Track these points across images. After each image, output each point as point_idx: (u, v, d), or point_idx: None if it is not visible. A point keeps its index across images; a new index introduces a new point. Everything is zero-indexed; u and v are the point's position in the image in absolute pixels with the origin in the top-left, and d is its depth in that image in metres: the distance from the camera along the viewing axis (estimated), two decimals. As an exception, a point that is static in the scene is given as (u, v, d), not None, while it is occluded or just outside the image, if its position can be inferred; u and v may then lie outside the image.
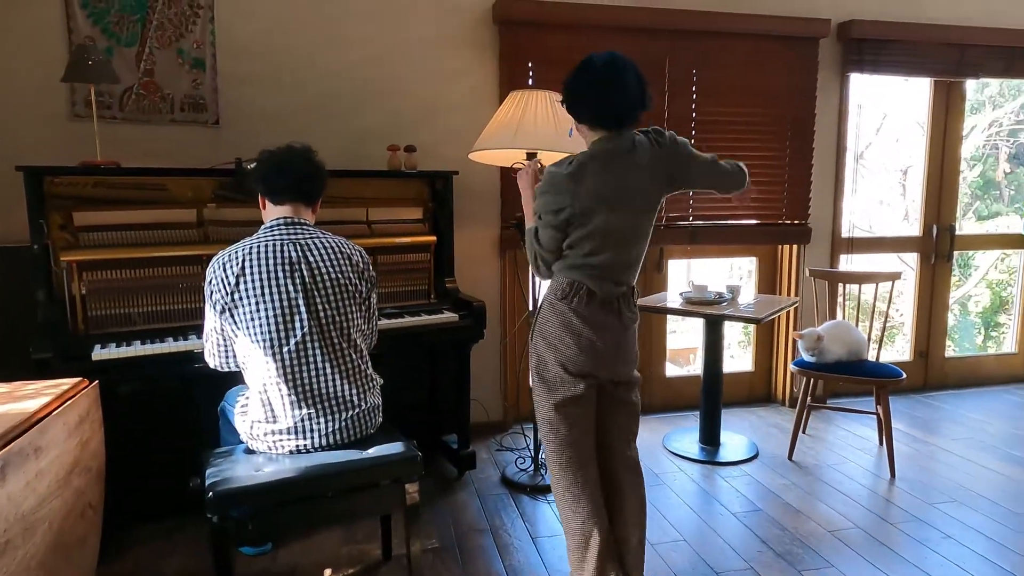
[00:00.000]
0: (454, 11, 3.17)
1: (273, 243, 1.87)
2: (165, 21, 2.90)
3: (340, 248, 1.94)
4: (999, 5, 3.77)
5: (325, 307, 1.86)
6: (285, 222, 1.92)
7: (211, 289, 1.85)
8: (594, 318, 1.82)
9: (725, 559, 2.26)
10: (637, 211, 1.83)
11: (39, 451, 1.50)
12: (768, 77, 3.50)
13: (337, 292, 1.89)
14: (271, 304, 1.81)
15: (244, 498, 1.69)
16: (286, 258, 1.85)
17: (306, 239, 1.91)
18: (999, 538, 2.39)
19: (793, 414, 3.67)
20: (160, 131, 2.93)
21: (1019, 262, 4.38)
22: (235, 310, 1.82)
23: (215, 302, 1.84)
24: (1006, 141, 6.06)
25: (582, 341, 1.82)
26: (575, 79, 1.81)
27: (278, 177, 1.92)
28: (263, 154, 1.98)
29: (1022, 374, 4.34)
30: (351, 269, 1.93)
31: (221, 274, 1.83)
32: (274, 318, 1.81)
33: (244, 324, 1.82)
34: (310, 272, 1.86)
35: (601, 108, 1.79)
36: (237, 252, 1.85)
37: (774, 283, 3.88)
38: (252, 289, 1.81)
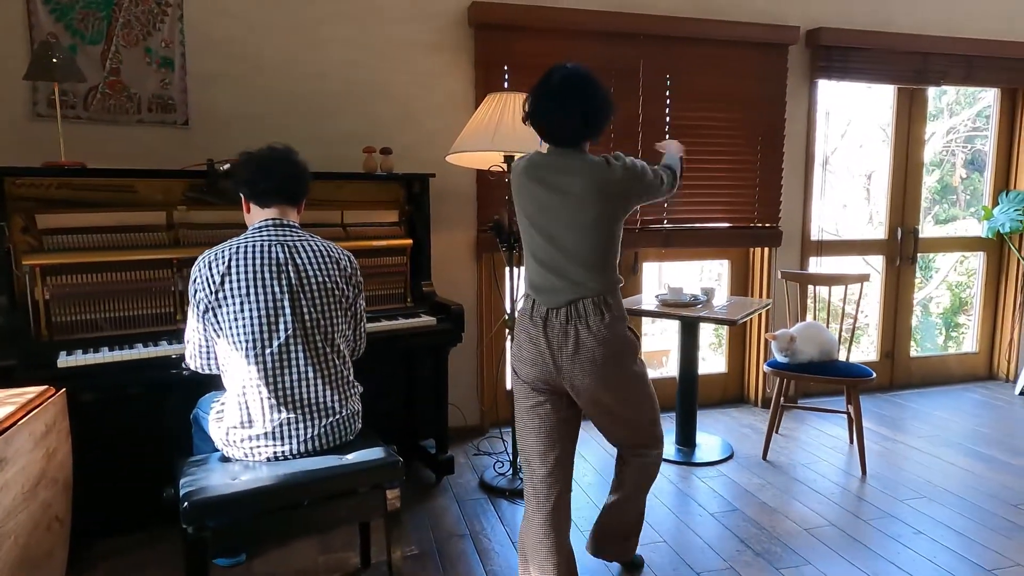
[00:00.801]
0: (430, 14, 3.15)
1: (261, 243, 1.83)
2: (132, 19, 2.83)
3: (328, 252, 1.91)
4: (959, 15, 3.89)
5: (311, 310, 1.83)
6: (273, 223, 1.89)
7: (195, 288, 1.81)
8: (536, 328, 1.83)
9: (705, 559, 2.28)
10: (562, 229, 1.79)
11: (3, 463, 1.44)
12: (739, 83, 3.56)
13: (323, 296, 1.86)
14: (256, 304, 1.78)
15: (221, 508, 1.65)
16: (273, 259, 1.82)
17: (294, 241, 1.88)
18: (968, 533, 2.45)
19: (766, 414, 3.73)
20: (127, 132, 2.85)
21: (977, 264, 4.52)
22: (219, 309, 1.79)
23: (198, 301, 1.80)
24: (963, 148, 6.26)
25: (526, 349, 1.86)
26: (532, 90, 1.85)
27: (264, 179, 1.88)
28: (243, 156, 1.94)
29: (983, 373, 4.47)
30: (339, 273, 1.90)
31: (206, 273, 1.79)
32: (258, 319, 1.78)
33: (227, 324, 1.78)
34: (297, 274, 1.83)
35: (539, 125, 1.83)
36: (223, 251, 1.82)
37: (746, 285, 3.94)
38: (237, 288, 1.77)
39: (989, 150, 4.38)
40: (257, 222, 1.91)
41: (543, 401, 1.88)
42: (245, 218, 2.00)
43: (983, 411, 3.87)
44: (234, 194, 2.02)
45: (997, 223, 4.10)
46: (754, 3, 3.55)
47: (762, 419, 3.69)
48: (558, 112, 1.79)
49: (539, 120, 1.82)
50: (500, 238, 2.73)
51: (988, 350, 4.47)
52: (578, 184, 1.78)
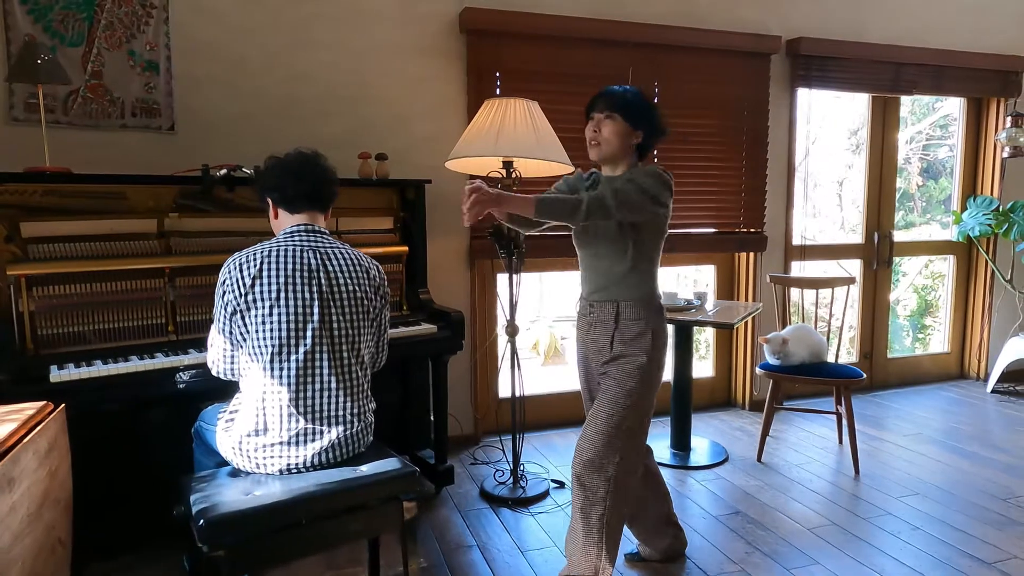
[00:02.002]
0: (422, 19, 3.12)
1: (293, 248, 1.79)
2: (115, 20, 2.73)
3: (359, 261, 1.88)
4: (929, 28, 4.03)
5: (339, 319, 1.79)
6: (305, 228, 1.85)
7: (223, 290, 1.76)
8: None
9: (716, 561, 2.28)
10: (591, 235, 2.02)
11: (12, 483, 1.35)
12: (725, 90, 3.62)
13: (352, 305, 1.82)
14: (285, 309, 1.73)
15: (238, 524, 1.58)
16: (305, 264, 1.78)
17: (326, 248, 1.84)
18: (963, 527, 2.52)
19: (754, 417, 3.78)
20: (109, 137, 2.75)
21: (946, 268, 4.68)
22: (247, 313, 1.74)
23: (226, 303, 1.75)
24: (920, 156, 6.48)
25: None
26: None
27: (295, 184, 1.84)
28: (271, 160, 1.90)
29: (955, 372, 4.62)
30: (368, 283, 1.87)
31: (236, 274, 1.74)
32: (286, 323, 1.73)
33: (255, 327, 1.73)
34: (328, 282, 1.79)
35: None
36: (255, 254, 1.77)
37: (732, 289, 4.00)
38: (268, 292, 1.73)
39: (956, 157, 4.55)
40: (288, 227, 1.87)
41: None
42: (272, 224, 1.95)
43: (959, 409, 3.99)
44: (259, 199, 1.97)
45: (967, 227, 4.24)
46: (738, 12, 3.63)
47: (750, 422, 3.73)
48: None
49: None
50: (500, 244, 2.71)
51: (959, 350, 4.62)
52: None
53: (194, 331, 2.42)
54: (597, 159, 2.01)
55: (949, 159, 5.76)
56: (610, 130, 1.94)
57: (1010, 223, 4.05)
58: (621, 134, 1.94)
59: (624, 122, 1.94)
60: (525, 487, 2.83)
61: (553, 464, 3.14)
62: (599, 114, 1.96)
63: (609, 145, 1.95)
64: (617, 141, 1.95)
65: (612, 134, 1.94)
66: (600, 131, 1.95)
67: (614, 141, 1.94)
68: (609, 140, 1.94)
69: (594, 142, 1.97)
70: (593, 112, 1.98)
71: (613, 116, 1.94)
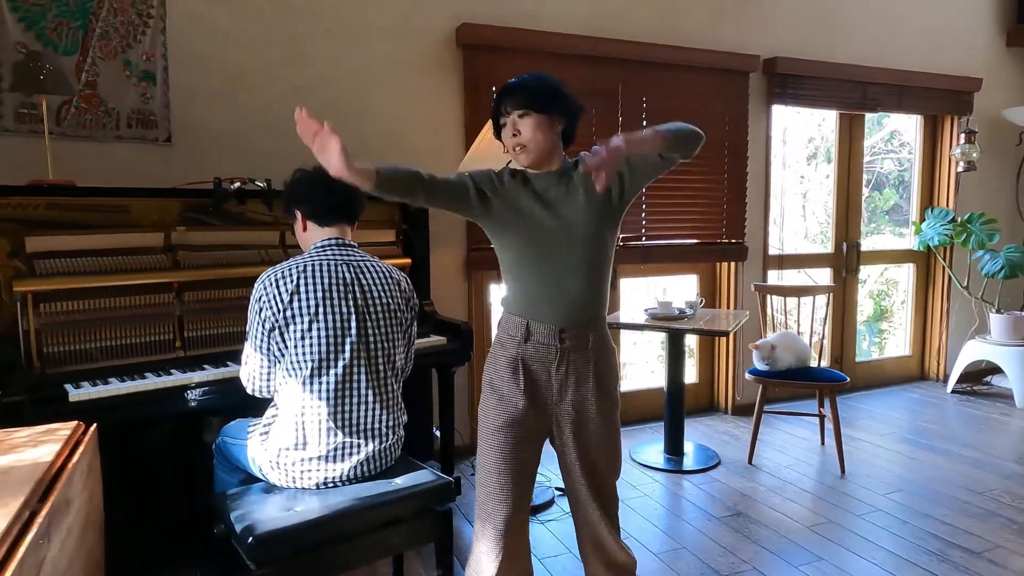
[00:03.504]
0: (418, 34, 3.15)
1: (326, 262, 1.80)
2: (110, 30, 2.67)
3: (390, 273, 1.90)
4: (891, 49, 4.28)
5: (375, 332, 1.80)
6: (336, 243, 1.85)
7: (259, 306, 1.75)
8: None
9: (728, 561, 2.37)
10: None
11: (69, 504, 1.32)
12: (708, 106, 3.76)
13: (387, 318, 1.84)
14: (324, 324, 1.74)
15: (287, 541, 1.57)
16: (340, 278, 1.78)
17: (358, 261, 1.85)
18: (948, 520, 2.67)
19: (738, 421, 3.92)
20: (104, 148, 2.68)
21: (901, 275, 4.94)
22: (286, 329, 1.73)
23: (264, 319, 1.74)
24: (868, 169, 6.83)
25: None
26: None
27: (327, 197, 1.84)
28: (300, 173, 1.90)
29: (916, 374, 4.88)
30: (400, 295, 1.89)
31: (273, 291, 1.74)
32: (326, 338, 1.73)
33: (293, 343, 1.73)
34: (363, 295, 1.80)
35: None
36: (290, 269, 1.77)
37: (714, 298, 4.13)
38: (307, 307, 1.73)
39: (913, 171, 4.82)
40: (318, 241, 1.87)
41: None
42: (299, 237, 1.95)
43: (924, 409, 4.22)
44: (286, 212, 1.96)
45: (927, 237, 4.50)
46: (719, 32, 3.78)
47: (735, 426, 3.86)
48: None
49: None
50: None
51: (920, 353, 4.88)
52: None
53: (202, 346, 2.37)
54: (528, 164, 1.68)
55: (895, 172, 6.11)
56: (530, 128, 1.62)
57: (968, 233, 4.31)
58: (544, 128, 1.64)
59: (542, 115, 1.63)
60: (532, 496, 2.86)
61: (554, 472, 3.18)
62: (512, 115, 1.64)
63: (537, 144, 1.63)
64: (544, 137, 1.64)
65: (535, 131, 1.63)
66: (521, 133, 1.63)
67: (540, 138, 1.63)
68: (535, 139, 1.63)
69: (518, 147, 1.64)
70: (503, 115, 1.67)
71: (528, 113, 1.63)
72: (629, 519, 2.70)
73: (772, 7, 3.93)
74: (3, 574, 0.99)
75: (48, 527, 1.18)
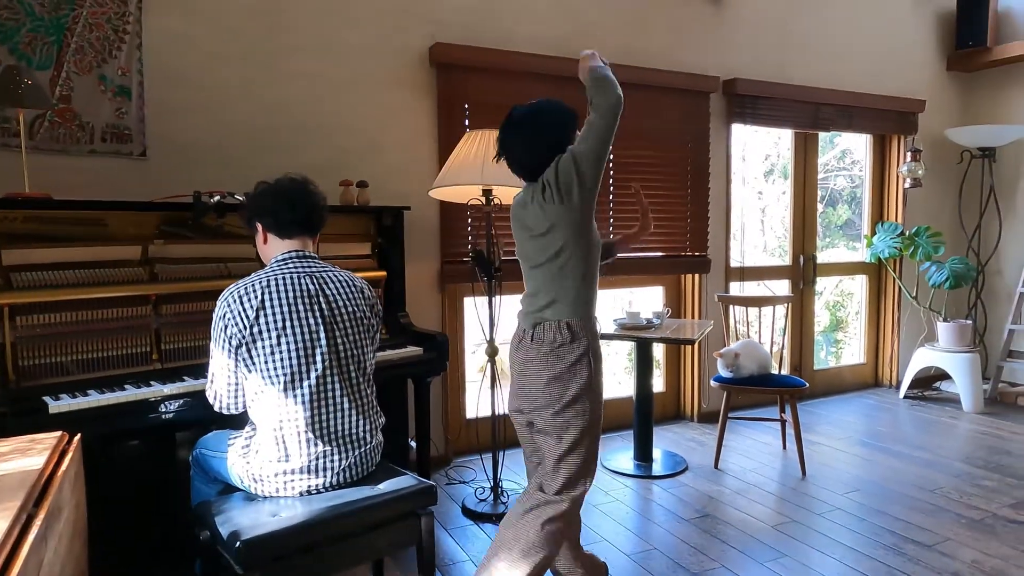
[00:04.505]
0: (394, 53, 3.23)
1: (289, 276, 1.82)
2: (85, 45, 2.68)
3: (352, 282, 1.93)
4: (842, 71, 4.52)
5: (344, 341, 1.84)
6: (297, 255, 1.88)
7: (224, 324, 1.76)
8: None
9: (697, 559, 2.46)
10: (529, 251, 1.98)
11: (60, 512, 1.34)
12: (671, 125, 3.91)
13: (354, 325, 1.87)
14: (292, 338, 1.76)
15: (275, 545, 1.61)
16: (305, 290, 1.82)
17: (320, 272, 1.88)
18: (903, 516, 2.82)
19: (704, 428, 4.04)
20: (78, 162, 2.68)
21: (855, 287, 5.17)
22: (253, 345, 1.75)
23: (230, 336, 1.75)
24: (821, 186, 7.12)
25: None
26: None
27: (288, 210, 1.87)
28: (262, 186, 1.93)
29: (870, 380, 5.09)
30: (363, 301, 1.93)
31: (237, 308, 1.75)
32: (295, 352, 1.76)
33: (263, 359, 1.75)
34: (328, 306, 1.84)
35: (510, 160, 2.02)
36: (254, 285, 1.79)
37: (679, 309, 4.27)
38: (273, 322, 1.75)
39: (864, 187, 5.07)
40: (279, 254, 1.90)
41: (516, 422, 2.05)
42: (260, 250, 1.98)
43: (878, 413, 4.41)
44: (247, 225, 1.99)
45: (877, 250, 4.73)
46: (682, 54, 3.95)
47: (701, 432, 3.98)
48: (512, 146, 1.99)
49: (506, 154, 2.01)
50: (481, 267, 2.83)
51: (874, 361, 5.10)
52: (540, 217, 1.90)
53: (180, 359, 2.39)
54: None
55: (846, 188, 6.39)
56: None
57: (915, 245, 4.55)
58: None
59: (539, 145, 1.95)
60: (506, 503, 2.92)
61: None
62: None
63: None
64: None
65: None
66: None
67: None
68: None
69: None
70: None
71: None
72: (602, 523, 2.78)
73: (731, 31, 4.12)
74: (9, 572, 1.02)
75: (45, 531, 1.21)
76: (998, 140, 4.69)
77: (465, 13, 3.37)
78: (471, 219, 3.43)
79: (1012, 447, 3.71)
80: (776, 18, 4.27)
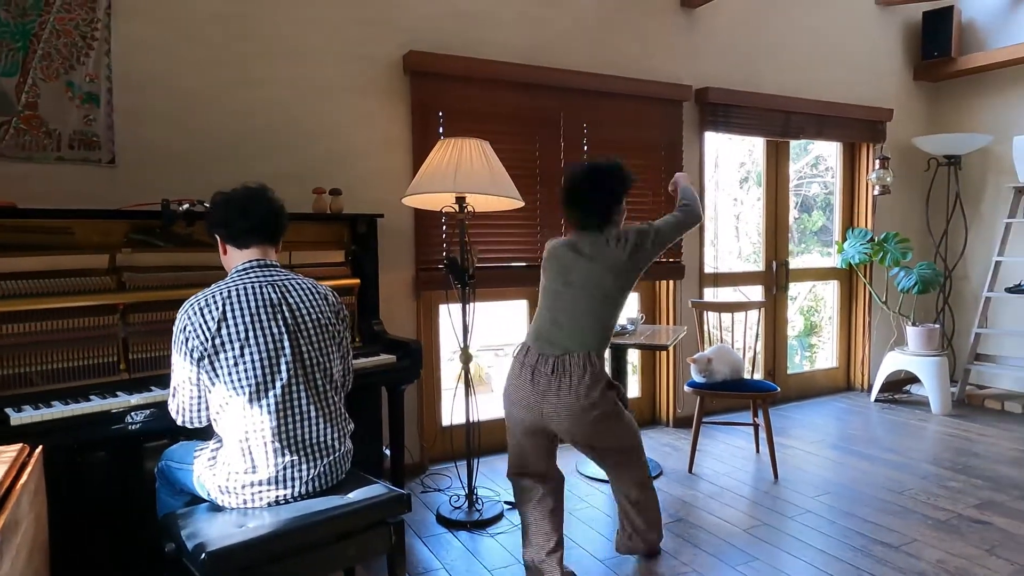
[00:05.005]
0: (367, 60, 3.23)
1: (250, 285, 1.81)
2: (52, 51, 2.65)
3: (315, 289, 1.93)
4: (812, 81, 4.60)
5: (309, 349, 1.83)
6: (258, 264, 1.87)
7: (185, 336, 1.74)
8: (525, 372, 2.24)
9: (669, 564, 2.48)
10: (577, 293, 2.24)
11: (17, 526, 1.32)
12: (645, 133, 3.96)
13: (319, 333, 1.87)
14: (256, 348, 1.75)
15: (241, 556, 1.59)
16: (267, 299, 1.80)
17: (283, 280, 1.87)
18: (871, 518, 2.86)
19: (679, 433, 4.07)
20: (45, 170, 2.64)
21: (828, 292, 5.25)
22: (216, 357, 1.73)
23: (191, 349, 1.73)
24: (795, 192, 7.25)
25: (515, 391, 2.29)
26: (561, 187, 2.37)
27: (241, 220, 1.85)
28: (217, 196, 1.92)
29: (843, 384, 5.17)
30: (328, 308, 1.92)
31: (198, 320, 1.73)
32: (259, 362, 1.75)
33: (226, 370, 1.73)
34: (291, 314, 1.83)
35: (570, 214, 2.34)
36: (214, 296, 1.77)
37: (653, 314, 4.30)
38: (236, 333, 1.74)
39: (835, 194, 5.15)
40: (240, 264, 1.88)
41: (529, 433, 2.26)
42: (222, 260, 1.97)
43: (850, 417, 4.48)
44: (208, 236, 1.98)
45: (848, 255, 4.81)
46: (654, 63, 3.99)
47: (676, 438, 4.01)
48: (579, 201, 2.30)
49: (566, 208, 2.35)
50: (454, 275, 2.84)
51: (846, 365, 5.18)
52: (597, 262, 2.22)
53: (148, 368, 2.36)
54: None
55: (820, 195, 6.50)
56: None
57: (884, 251, 4.63)
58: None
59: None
60: (481, 510, 2.92)
61: (502, 487, 3.25)
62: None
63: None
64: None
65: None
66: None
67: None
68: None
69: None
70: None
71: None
72: (576, 529, 2.79)
73: (703, 41, 4.18)
74: (-39, 589, 1.00)
75: (1, 545, 1.19)
76: (963, 148, 4.81)
77: (439, 21, 3.38)
78: (445, 227, 3.44)
79: (978, 448, 3.79)
80: (747, 28, 4.34)
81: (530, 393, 2.18)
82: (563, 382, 2.14)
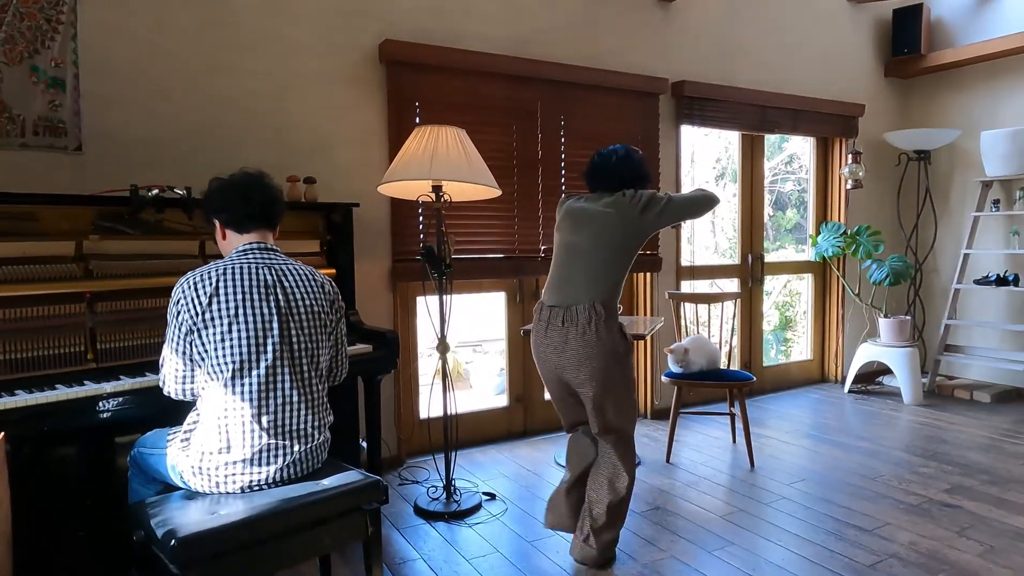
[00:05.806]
0: (343, 49, 3.20)
1: (247, 265, 1.81)
2: (16, 34, 2.58)
3: (312, 276, 1.92)
4: (787, 75, 4.65)
5: (298, 334, 1.82)
6: (257, 246, 1.87)
7: (178, 309, 1.74)
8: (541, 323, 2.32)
9: (647, 550, 2.48)
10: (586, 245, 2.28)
11: (-23, 511, 1.28)
12: (622, 125, 3.97)
13: (310, 320, 1.85)
14: (244, 326, 1.74)
15: (211, 542, 1.56)
16: (261, 280, 1.80)
17: (280, 264, 1.87)
18: (845, 503, 2.90)
19: (657, 424, 4.09)
20: (8, 156, 2.57)
21: (803, 287, 5.32)
22: (204, 331, 1.72)
23: (181, 322, 1.73)
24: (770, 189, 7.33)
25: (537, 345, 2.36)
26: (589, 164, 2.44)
27: (243, 205, 1.86)
28: (216, 182, 1.91)
29: (817, 376, 5.24)
30: (323, 297, 1.91)
31: (191, 293, 1.73)
32: (246, 340, 1.73)
33: (212, 346, 1.72)
34: (285, 297, 1.82)
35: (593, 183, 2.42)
36: (210, 272, 1.77)
37: (631, 306, 4.32)
38: (226, 309, 1.73)
39: (808, 189, 5.22)
40: (240, 246, 1.88)
41: (554, 384, 2.37)
42: (220, 245, 1.97)
43: (824, 407, 4.54)
44: (206, 222, 1.96)
45: (822, 249, 4.87)
46: (632, 56, 4.01)
47: (653, 428, 4.03)
48: (600, 170, 2.39)
49: (589, 175, 2.43)
50: (431, 264, 2.82)
51: (820, 357, 5.25)
52: (610, 212, 2.26)
53: (116, 358, 2.30)
54: None
55: (794, 192, 6.58)
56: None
57: (857, 244, 4.70)
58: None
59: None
60: (459, 501, 2.91)
61: (481, 479, 3.23)
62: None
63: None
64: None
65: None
66: None
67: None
68: None
69: None
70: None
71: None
72: (554, 518, 2.78)
73: (680, 34, 4.20)
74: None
75: (-42, 529, 1.15)
76: (932, 143, 4.90)
77: (415, 12, 3.36)
78: (422, 217, 3.41)
79: (948, 436, 3.86)
80: (722, 22, 4.38)
81: (547, 346, 2.27)
82: (571, 331, 2.20)
